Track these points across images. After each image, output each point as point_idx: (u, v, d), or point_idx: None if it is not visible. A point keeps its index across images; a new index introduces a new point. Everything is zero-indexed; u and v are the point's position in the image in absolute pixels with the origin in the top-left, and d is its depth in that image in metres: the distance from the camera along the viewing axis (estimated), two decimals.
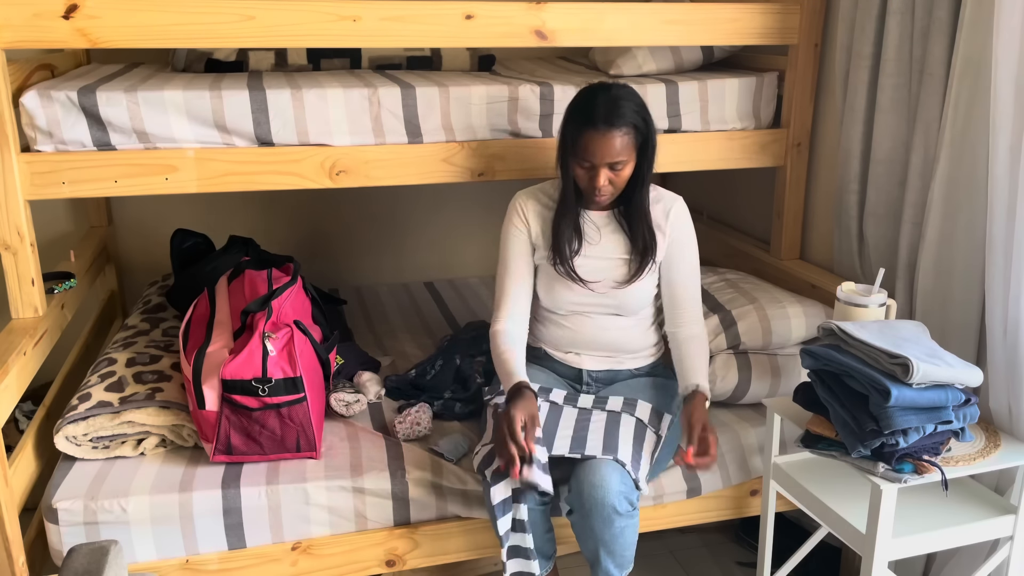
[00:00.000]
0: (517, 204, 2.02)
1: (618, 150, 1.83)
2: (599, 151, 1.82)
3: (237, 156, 2.01)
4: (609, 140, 1.81)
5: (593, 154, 1.83)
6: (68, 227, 2.96)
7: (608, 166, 1.85)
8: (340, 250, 3.28)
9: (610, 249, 1.98)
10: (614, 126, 1.81)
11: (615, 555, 1.80)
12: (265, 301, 2.01)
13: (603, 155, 1.83)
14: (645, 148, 1.88)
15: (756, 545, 2.27)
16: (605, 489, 1.73)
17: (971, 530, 1.74)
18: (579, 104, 1.88)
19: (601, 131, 1.81)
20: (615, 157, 1.83)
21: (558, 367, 2.08)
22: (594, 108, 1.83)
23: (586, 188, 1.90)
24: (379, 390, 2.26)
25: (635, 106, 1.85)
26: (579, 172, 1.89)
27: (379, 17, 1.98)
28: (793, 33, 2.32)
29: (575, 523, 1.81)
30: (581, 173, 1.88)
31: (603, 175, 1.85)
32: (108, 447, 1.93)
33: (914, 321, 1.80)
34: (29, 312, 1.97)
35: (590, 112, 1.83)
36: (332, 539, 1.91)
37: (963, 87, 1.85)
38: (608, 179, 1.86)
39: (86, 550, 1.45)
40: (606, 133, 1.81)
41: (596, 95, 1.86)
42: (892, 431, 1.58)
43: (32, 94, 1.89)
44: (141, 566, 1.82)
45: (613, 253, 1.98)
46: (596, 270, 1.97)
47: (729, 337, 2.15)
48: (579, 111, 1.86)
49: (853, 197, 2.25)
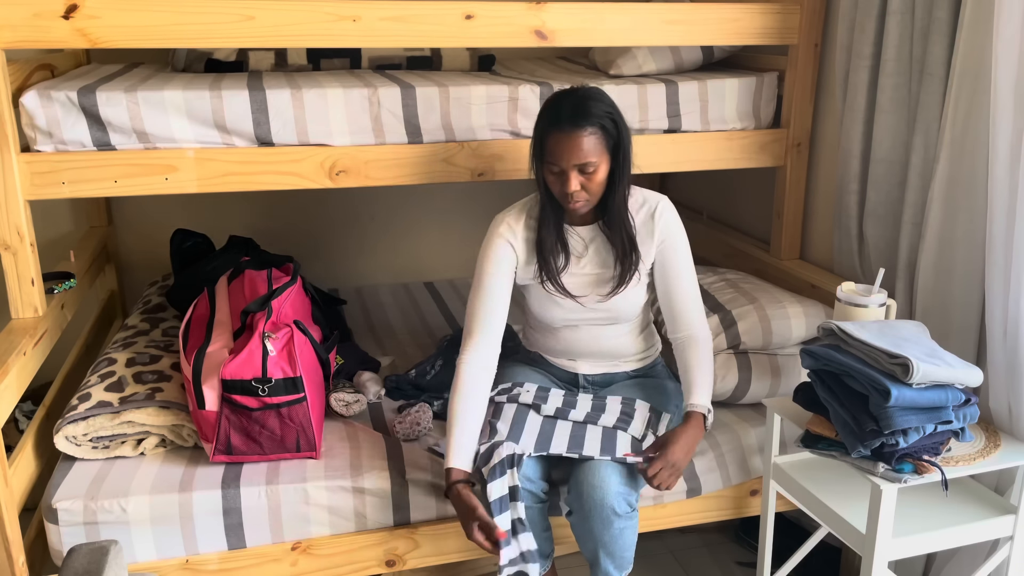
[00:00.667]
0: (502, 227, 1.93)
1: (586, 151, 1.76)
2: (565, 152, 1.77)
3: (237, 156, 2.01)
4: (575, 140, 1.76)
5: (560, 156, 1.78)
6: (68, 227, 2.96)
7: (578, 169, 1.78)
8: (340, 250, 3.28)
9: (598, 262, 1.94)
10: (579, 126, 1.76)
11: (614, 556, 1.80)
12: (265, 301, 2.01)
13: (570, 156, 1.77)
14: (617, 151, 1.82)
15: (756, 545, 2.27)
16: (604, 490, 1.73)
17: (971, 530, 1.74)
18: (545, 108, 1.83)
19: (566, 131, 1.76)
20: (583, 158, 1.77)
21: (554, 371, 2.08)
22: (559, 109, 1.78)
23: (559, 195, 1.84)
24: (379, 390, 2.26)
25: (603, 106, 1.79)
26: (551, 179, 1.83)
27: (379, 17, 1.98)
28: (793, 33, 2.32)
29: (574, 524, 1.81)
30: (552, 180, 1.83)
31: (574, 179, 1.79)
32: (108, 447, 1.93)
33: (914, 321, 1.80)
34: (29, 312, 1.97)
35: (555, 114, 1.79)
36: (332, 539, 1.91)
37: (963, 87, 1.85)
38: (580, 184, 1.80)
39: (86, 550, 1.45)
40: (571, 133, 1.76)
41: (562, 98, 1.81)
42: (892, 431, 1.58)
43: (32, 94, 1.89)
44: (141, 566, 1.82)
45: (602, 266, 1.94)
46: (585, 285, 1.94)
47: (729, 337, 2.16)
48: (545, 114, 1.82)
49: (853, 197, 2.25)
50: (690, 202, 3.18)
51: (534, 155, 1.86)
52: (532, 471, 1.80)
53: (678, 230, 1.95)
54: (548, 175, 1.84)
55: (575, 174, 1.79)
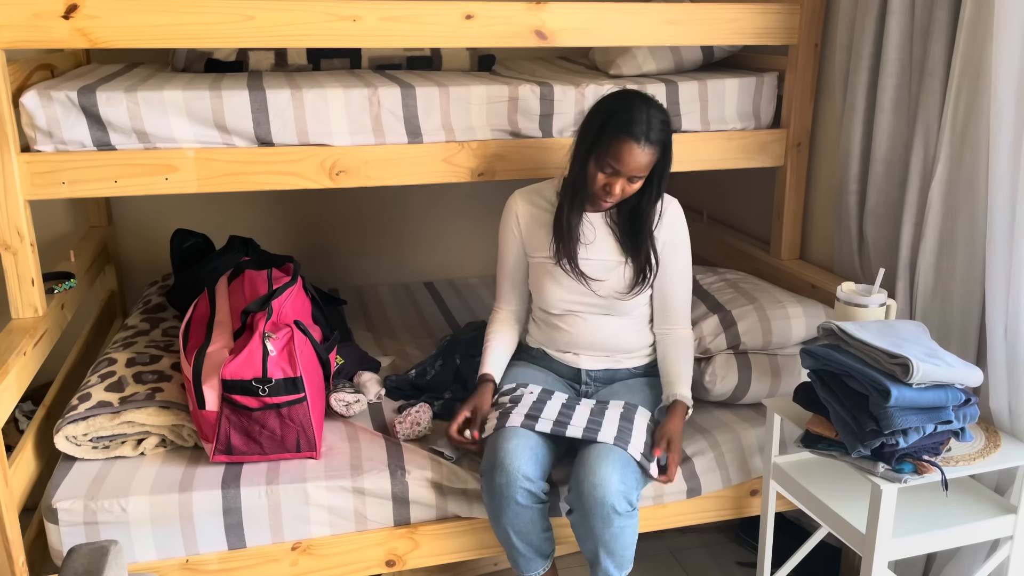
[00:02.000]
0: (511, 204, 2.07)
1: (645, 166, 1.86)
2: (631, 163, 1.83)
3: (237, 156, 2.01)
4: (643, 156, 1.83)
5: (625, 164, 1.84)
6: (68, 227, 2.96)
7: (628, 177, 1.86)
8: (340, 250, 3.28)
9: (604, 250, 1.99)
10: (652, 143, 1.83)
11: (615, 555, 1.80)
12: (265, 301, 2.01)
13: (633, 168, 1.84)
14: (662, 167, 1.91)
15: (756, 545, 2.27)
16: (605, 489, 1.74)
17: (971, 530, 1.74)
18: (621, 110, 1.84)
19: (641, 145, 1.82)
20: (641, 172, 1.86)
21: (557, 367, 2.09)
22: (638, 121, 1.82)
23: (598, 191, 1.90)
24: (379, 390, 2.26)
25: (669, 127, 1.88)
26: (598, 175, 1.88)
27: (379, 17, 1.98)
28: (793, 33, 2.32)
29: (575, 523, 1.82)
30: (600, 176, 1.88)
31: (622, 184, 1.87)
32: (108, 447, 1.93)
33: (914, 321, 1.80)
34: (29, 312, 1.97)
35: (633, 123, 1.82)
36: (332, 539, 1.91)
37: (963, 87, 1.85)
38: (623, 188, 1.88)
39: (86, 550, 1.45)
40: (644, 148, 1.83)
41: (641, 107, 1.84)
42: (892, 431, 1.58)
43: (32, 94, 1.89)
44: (141, 566, 1.82)
45: (607, 255, 1.99)
46: (594, 271, 1.98)
47: (729, 337, 2.15)
48: (621, 117, 1.84)
49: (853, 197, 2.25)
50: (690, 202, 3.16)
51: (590, 145, 1.87)
52: (532, 471, 1.80)
53: (682, 234, 2.03)
54: (596, 170, 1.88)
55: (624, 180, 1.87)
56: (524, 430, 1.84)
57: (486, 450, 1.86)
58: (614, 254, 1.99)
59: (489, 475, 1.81)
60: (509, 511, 1.81)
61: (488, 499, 1.84)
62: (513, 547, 1.87)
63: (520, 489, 1.79)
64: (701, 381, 2.16)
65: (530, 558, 1.89)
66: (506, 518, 1.83)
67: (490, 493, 1.83)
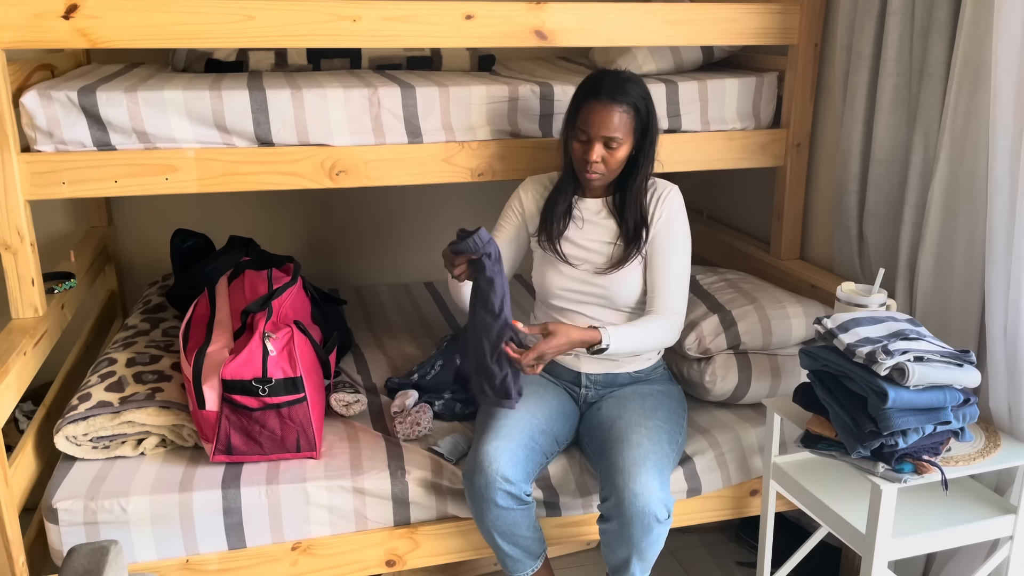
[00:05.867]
0: (522, 184, 2.11)
1: (615, 125, 1.86)
2: (596, 122, 1.86)
3: (237, 156, 2.01)
4: (608, 113, 1.86)
5: (591, 124, 1.87)
6: (68, 227, 2.96)
7: (603, 142, 1.88)
8: (340, 250, 3.28)
9: (597, 235, 2.00)
10: (615, 100, 1.86)
11: (645, 560, 1.80)
12: (265, 301, 2.01)
13: (600, 126, 1.86)
14: (644, 136, 1.92)
15: (756, 545, 2.27)
16: (647, 497, 1.73)
17: (971, 530, 1.74)
18: (587, 79, 1.94)
19: (603, 102, 1.86)
20: (611, 131, 1.86)
21: (557, 369, 2.08)
22: (601, 82, 1.89)
23: (579, 163, 1.93)
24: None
25: (641, 91, 1.91)
26: (576, 146, 1.93)
27: (379, 17, 1.98)
28: (793, 33, 2.32)
29: (610, 530, 1.80)
30: (577, 147, 1.92)
31: (597, 149, 1.88)
32: (108, 447, 1.93)
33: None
34: (29, 312, 1.97)
35: (596, 85, 1.89)
36: (332, 539, 1.91)
37: (963, 87, 1.85)
38: (601, 156, 1.89)
39: (86, 550, 1.45)
40: (607, 105, 1.86)
41: (606, 74, 1.93)
42: (891, 432, 1.58)
43: (32, 94, 1.89)
44: (141, 566, 1.82)
45: (600, 238, 2.00)
46: (580, 253, 2.00)
47: (729, 337, 2.15)
48: (586, 84, 1.93)
49: (853, 197, 2.25)
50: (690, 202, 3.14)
51: (566, 122, 1.95)
52: (512, 473, 1.80)
53: (679, 217, 2.01)
54: (575, 142, 1.93)
55: (599, 145, 1.89)
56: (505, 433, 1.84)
57: (469, 452, 1.87)
58: (608, 237, 2.00)
59: (469, 477, 1.82)
60: (490, 513, 1.81)
61: (470, 501, 1.85)
62: (498, 547, 1.88)
63: (499, 491, 1.78)
64: (701, 381, 2.16)
65: (517, 558, 1.89)
66: (488, 520, 1.83)
67: (471, 495, 1.83)
